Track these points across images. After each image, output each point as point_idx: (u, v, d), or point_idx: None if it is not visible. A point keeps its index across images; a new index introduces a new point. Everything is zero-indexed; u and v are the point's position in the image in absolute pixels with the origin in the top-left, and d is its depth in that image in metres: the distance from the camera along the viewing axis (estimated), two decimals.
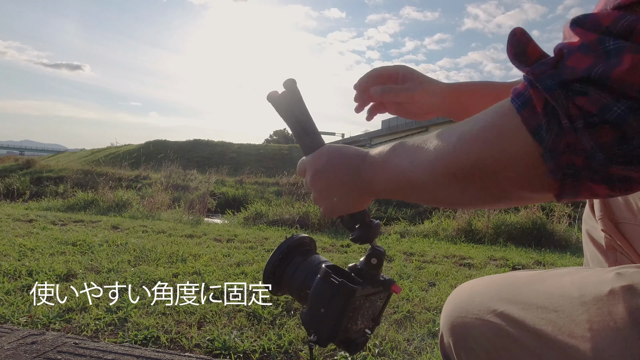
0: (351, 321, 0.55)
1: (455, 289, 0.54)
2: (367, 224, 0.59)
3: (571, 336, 0.36)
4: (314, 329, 0.55)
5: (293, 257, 0.65)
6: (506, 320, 0.42)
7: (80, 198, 6.14)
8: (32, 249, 2.68)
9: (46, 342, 1.42)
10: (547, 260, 3.53)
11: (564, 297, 0.39)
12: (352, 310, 0.54)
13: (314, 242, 0.71)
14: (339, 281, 0.53)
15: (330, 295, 0.54)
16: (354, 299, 0.53)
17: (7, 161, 16.38)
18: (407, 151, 0.46)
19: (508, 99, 0.37)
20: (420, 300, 2.06)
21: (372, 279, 0.57)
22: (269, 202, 6.60)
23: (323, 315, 0.54)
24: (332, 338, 0.55)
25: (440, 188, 0.42)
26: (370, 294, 0.57)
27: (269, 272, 0.64)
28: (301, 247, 0.67)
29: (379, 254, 0.57)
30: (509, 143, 0.36)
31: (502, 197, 0.40)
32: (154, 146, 18.63)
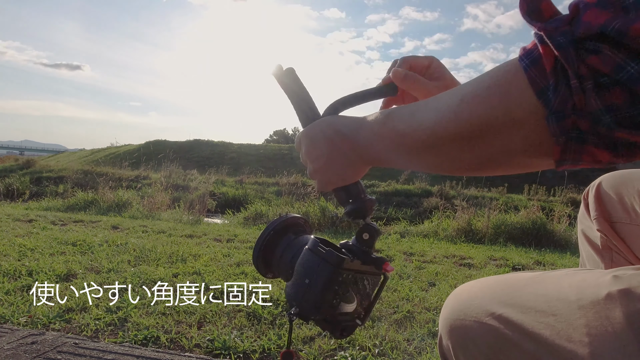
0: (337, 298, 0.52)
1: (454, 291, 0.54)
2: (362, 198, 0.56)
3: (569, 341, 0.36)
4: (297, 301, 0.53)
5: (283, 236, 0.62)
6: (504, 323, 0.42)
7: (80, 198, 6.14)
8: (32, 249, 2.68)
9: (46, 342, 1.42)
10: (547, 260, 3.53)
11: (562, 301, 0.39)
12: (338, 284, 0.52)
13: (308, 223, 0.67)
14: (325, 250, 0.52)
15: (316, 264, 0.52)
16: (341, 270, 0.51)
17: (7, 161, 16.38)
18: (405, 115, 0.45)
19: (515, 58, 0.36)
20: (420, 300, 2.06)
21: (363, 255, 0.54)
22: (269, 202, 6.60)
23: (307, 286, 0.52)
24: (314, 311, 0.52)
25: (440, 152, 0.41)
26: (360, 271, 0.54)
27: (257, 251, 0.62)
28: (294, 227, 0.64)
29: (372, 229, 0.55)
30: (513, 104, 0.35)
31: (502, 162, 0.39)
32: (154, 146, 18.63)
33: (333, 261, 0.51)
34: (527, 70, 0.34)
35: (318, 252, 0.52)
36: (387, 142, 0.46)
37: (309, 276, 0.52)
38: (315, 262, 0.52)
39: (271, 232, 0.62)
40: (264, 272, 0.63)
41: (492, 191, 12.06)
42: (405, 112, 0.45)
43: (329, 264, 0.51)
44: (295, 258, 0.57)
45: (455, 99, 0.39)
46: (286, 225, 0.63)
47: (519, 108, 0.34)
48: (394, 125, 0.45)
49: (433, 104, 0.41)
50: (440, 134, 0.40)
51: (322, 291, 0.51)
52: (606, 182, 0.70)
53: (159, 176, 8.79)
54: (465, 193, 10.64)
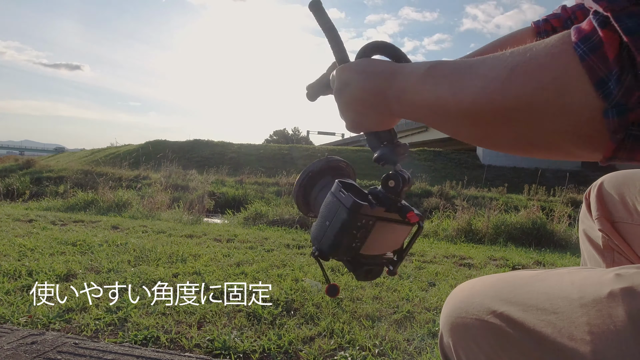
0: (356, 241, 0.52)
1: (455, 289, 0.54)
2: (393, 143, 0.54)
3: (571, 339, 0.36)
4: (317, 240, 0.54)
5: (322, 177, 0.62)
6: (506, 321, 0.41)
7: (80, 198, 6.13)
8: (32, 249, 2.68)
9: (46, 342, 1.42)
10: (547, 260, 3.53)
11: (564, 299, 0.39)
12: (357, 229, 0.51)
13: (352, 167, 0.66)
14: (345, 194, 0.51)
15: (335, 208, 0.52)
16: (358, 215, 0.50)
17: (7, 161, 16.38)
18: (447, 75, 0.41)
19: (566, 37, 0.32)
20: (420, 300, 2.06)
21: (387, 202, 0.52)
22: (269, 202, 6.60)
23: (327, 228, 0.53)
24: (331, 252, 0.53)
25: (478, 123, 0.38)
26: (383, 218, 0.52)
27: (295, 191, 0.62)
28: (334, 171, 0.63)
29: (397, 176, 0.52)
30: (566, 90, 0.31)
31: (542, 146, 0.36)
32: (154, 146, 18.63)
33: (350, 206, 0.50)
34: (584, 59, 0.30)
35: (339, 195, 0.52)
36: (420, 100, 0.43)
37: (329, 218, 0.52)
38: (335, 206, 0.52)
39: (309, 174, 0.62)
40: (305, 212, 0.64)
41: (492, 191, 12.06)
42: (448, 70, 0.41)
43: (346, 208, 0.50)
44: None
45: (505, 69, 0.35)
46: (326, 167, 0.63)
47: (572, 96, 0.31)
48: (434, 83, 0.42)
49: (480, 69, 0.38)
50: (483, 104, 0.37)
51: (337, 234, 0.51)
52: (608, 182, 0.70)
53: (158, 176, 8.79)
54: (465, 193, 10.64)
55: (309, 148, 25.91)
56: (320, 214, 0.54)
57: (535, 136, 0.35)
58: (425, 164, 21.63)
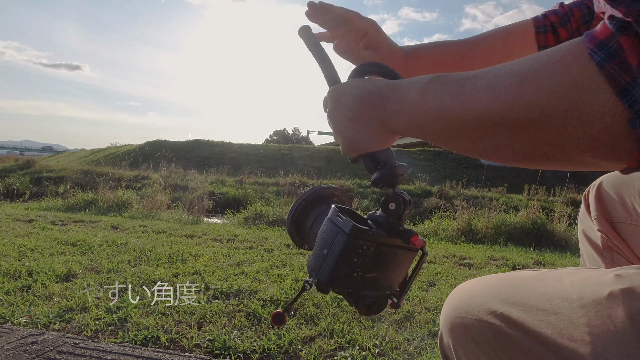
0: (357, 270, 0.49)
1: (455, 289, 0.54)
2: (390, 165, 0.51)
3: (571, 340, 0.36)
4: (315, 271, 0.50)
5: (315, 206, 0.59)
6: (506, 321, 0.41)
7: (80, 198, 6.13)
8: (32, 249, 2.68)
9: (46, 342, 1.42)
10: (547, 260, 3.53)
11: (564, 300, 0.39)
12: (357, 256, 0.48)
13: (346, 194, 0.63)
14: (343, 219, 0.48)
15: (333, 234, 0.49)
16: (358, 241, 0.47)
17: (7, 161, 16.37)
18: (451, 87, 0.39)
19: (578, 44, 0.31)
20: (420, 300, 2.06)
21: (388, 227, 0.49)
22: (269, 202, 6.60)
23: (325, 257, 0.49)
24: (330, 283, 0.49)
25: (486, 136, 0.36)
26: (385, 244, 0.49)
27: (289, 222, 0.59)
28: (328, 199, 0.60)
29: (398, 199, 0.49)
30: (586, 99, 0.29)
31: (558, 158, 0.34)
32: (154, 146, 18.63)
33: (349, 231, 0.47)
34: (603, 66, 0.29)
35: (336, 221, 0.49)
36: (422, 115, 0.41)
37: (327, 246, 0.49)
38: (333, 232, 0.49)
39: (302, 203, 0.59)
40: (299, 244, 0.61)
41: (492, 191, 12.06)
42: (452, 82, 0.39)
43: (345, 233, 0.47)
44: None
45: (514, 79, 0.33)
46: (319, 195, 0.60)
47: (592, 105, 0.29)
48: (436, 96, 0.39)
49: (484, 79, 0.36)
50: (491, 116, 0.35)
51: (337, 262, 0.48)
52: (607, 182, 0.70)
53: (158, 176, 8.79)
54: (465, 193, 10.64)
55: (309, 148, 25.92)
56: (317, 243, 0.51)
57: (551, 148, 0.33)
58: (425, 164, 21.63)
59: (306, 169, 14.93)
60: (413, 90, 0.42)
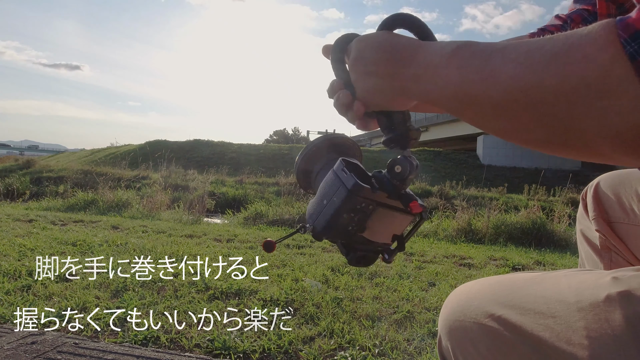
0: (353, 224, 0.50)
1: (453, 292, 0.54)
2: (405, 127, 0.50)
3: (568, 343, 0.36)
4: (312, 219, 0.51)
5: (326, 154, 0.59)
6: (504, 325, 0.41)
7: (80, 198, 6.13)
8: (32, 249, 2.68)
9: (46, 342, 1.42)
10: (547, 260, 3.53)
11: (561, 303, 0.39)
12: (355, 212, 0.49)
13: (358, 147, 0.62)
14: (347, 174, 0.48)
15: (335, 187, 0.49)
16: (358, 198, 0.48)
17: (7, 161, 16.38)
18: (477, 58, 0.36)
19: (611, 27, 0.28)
20: (420, 300, 2.06)
21: (390, 188, 0.49)
22: (269, 202, 6.60)
23: (324, 207, 0.50)
24: (325, 232, 0.50)
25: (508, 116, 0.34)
26: (384, 204, 0.50)
27: (297, 164, 0.59)
28: (340, 148, 0.60)
29: (405, 162, 0.49)
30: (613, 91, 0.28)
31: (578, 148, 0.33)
32: (154, 146, 18.63)
33: (350, 187, 0.47)
34: (635, 59, 0.27)
35: (340, 174, 0.49)
36: (443, 83, 0.39)
37: (327, 197, 0.50)
38: (335, 185, 0.49)
39: (313, 148, 0.58)
40: (304, 187, 0.61)
41: (492, 191, 12.06)
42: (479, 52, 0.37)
43: (346, 188, 0.48)
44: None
45: (543, 57, 0.31)
46: (331, 144, 0.59)
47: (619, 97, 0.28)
48: (460, 66, 0.37)
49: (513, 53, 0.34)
50: (515, 94, 0.33)
51: (334, 215, 0.49)
52: (604, 182, 0.70)
53: (158, 176, 8.79)
54: (465, 193, 10.64)
55: None
56: (319, 191, 0.52)
57: (571, 136, 0.32)
58: (425, 164, 21.63)
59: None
60: (437, 55, 0.40)
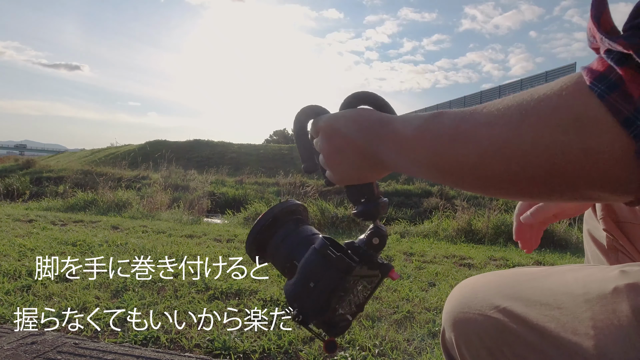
0: (340, 302, 0.50)
1: (458, 285, 0.54)
2: (375, 199, 0.52)
3: (574, 334, 0.36)
4: (299, 304, 0.51)
5: (283, 224, 0.59)
6: (509, 316, 0.42)
7: (80, 198, 6.13)
8: (32, 249, 2.68)
9: (46, 342, 1.42)
10: (547, 261, 3.54)
11: (568, 295, 0.39)
12: (345, 290, 0.49)
13: (307, 211, 0.64)
14: (336, 255, 0.48)
15: (323, 269, 0.49)
16: (349, 277, 0.48)
17: (7, 161, 16.38)
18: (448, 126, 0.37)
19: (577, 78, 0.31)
20: (420, 300, 2.06)
21: (370, 260, 0.51)
22: (268, 203, 6.60)
23: (311, 291, 0.49)
24: (316, 316, 0.50)
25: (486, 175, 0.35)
26: (364, 276, 0.51)
27: (253, 236, 0.58)
28: (292, 215, 0.61)
29: (382, 234, 0.51)
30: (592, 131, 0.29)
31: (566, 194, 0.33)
32: (154, 146, 18.64)
33: (343, 269, 0.48)
34: (604, 98, 0.29)
35: (327, 256, 0.49)
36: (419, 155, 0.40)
37: (314, 279, 0.49)
38: (323, 267, 0.49)
39: (270, 220, 0.58)
40: (253, 257, 0.61)
41: None
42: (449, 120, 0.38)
43: (339, 270, 0.48)
44: (295, 251, 0.55)
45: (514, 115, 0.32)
46: (287, 212, 0.60)
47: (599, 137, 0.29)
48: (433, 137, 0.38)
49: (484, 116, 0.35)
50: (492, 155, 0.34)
51: (327, 297, 0.49)
52: None
53: (158, 176, 8.79)
54: (465, 193, 10.64)
55: None
56: (301, 273, 0.51)
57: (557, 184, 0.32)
58: None
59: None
60: (409, 129, 0.41)
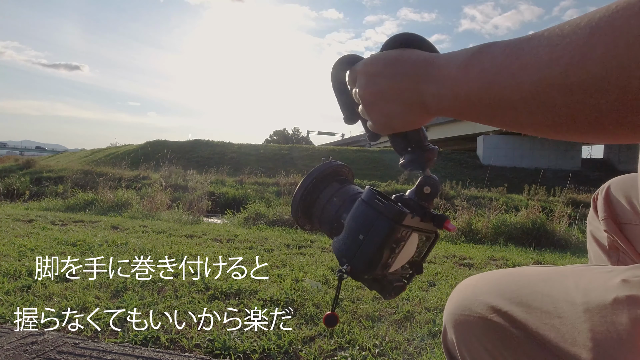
0: (392, 256, 0.46)
1: (459, 285, 0.53)
2: (423, 146, 0.49)
3: (573, 344, 0.36)
4: (348, 258, 0.47)
5: (328, 184, 0.55)
6: (510, 321, 0.41)
7: (80, 198, 6.13)
8: (32, 249, 2.68)
9: (46, 342, 1.42)
10: (547, 261, 3.54)
11: (568, 303, 0.39)
12: (396, 242, 0.45)
13: (352, 172, 0.60)
14: (385, 203, 0.45)
15: (373, 218, 0.45)
16: (399, 226, 0.44)
17: (7, 161, 16.37)
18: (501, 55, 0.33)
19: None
20: (420, 300, 2.06)
21: (422, 211, 0.47)
22: (268, 202, 6.60)
23: (362, 243, 0.46)
24: (368, 269, 0.46)
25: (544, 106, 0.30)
26: (418, 228, 0.47)
27: (298, 199, 0.55)
28: (338, 176, 0.57)
29: (434, 183, 0.47)
30: None
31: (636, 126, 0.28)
32: (154, 146, 18.64)
33: (393, 216, 0.44)
34: None
35: (376, 205, 0.45)
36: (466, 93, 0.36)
37: (364, 231, 0.46)
38: (372, 216, 0.45)
39: (314, 180, 0.55)
40: (302, 224, 0.58)
41: (492, 191, 12.06)
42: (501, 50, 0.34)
43: (389, 219, 0.44)
44: (342, 210, 0.52)
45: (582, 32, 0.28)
46: (331, 172, 0.57)
47: None
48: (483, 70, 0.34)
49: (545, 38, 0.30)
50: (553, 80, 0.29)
51: (378, 249, 0.45)
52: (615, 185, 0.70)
53: (158, 176, 8.79)
54: (465, 193, 10.64)
55: (309, 148, 25.93)
56: (349, 226, 0.48)
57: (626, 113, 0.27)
58: None
59: (306, 169, 14.86)
60: (453, 66, 0.38)
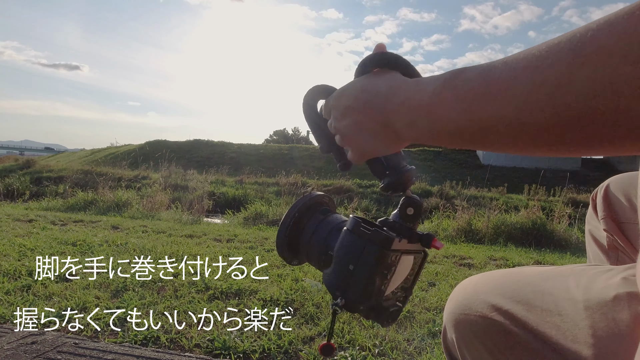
0: (385, 282, 0.46)
1: (460, 284, 0.53)
2: (400, 168, 0.48)
3: (574, 341, 0.36)
4: (341, 290, 0.46)
5: (311, 216, 0.55)
6: (510, 319, 0.41)
7: (80, 198, 6.14)
8: (32, 249, 2.68)
9: (46, 342, 1.42)
10: (547, 261, 3.53)
11: (569, 301, 0.39)
12: (387, 267, 0.45)
13: (333, 201, 0.60)
14: (371, 230, 0.45)
15: (361, 247, 0.45)
16: (388, 252, 0.44)
17: (7, 161, 16.37)
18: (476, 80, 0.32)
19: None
20: (420, 300, 2.06)
21: (408, 232, 0.47)
22: (269, 202, 6.60)
23: (352, 273, 0.45)
24: (363, 300, 0.46)
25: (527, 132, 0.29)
26: (406, 251, 0.47)
27: (282, 235, 0.54)
28: (320, 206, 0.57)
29: (416, 203, 0.47)
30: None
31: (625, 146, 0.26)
32: (154, 146, 18.64)
33: (380, 242, 0.44)
34: None
35: (362, 233, 0.45)
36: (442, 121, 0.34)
37: (353, 262, 0.45)
38: (359, 245, 0.45)
39: (296, 214, 0.55)
40: (289, 259, 0.57)
41: (492, 191, 12.06)
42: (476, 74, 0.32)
43: (377, 245, 0.44)
44: (328, 240, 0.51)
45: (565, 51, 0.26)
46: (312, 204, 0.56)
47: None
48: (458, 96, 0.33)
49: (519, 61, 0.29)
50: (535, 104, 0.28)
51: (370, 277, 0.45)
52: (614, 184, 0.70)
53: (158, 176, 8.79)
54: (465, 193, 10.64)
55: (309, 148, 25.93)
56: (337, 258, 0.47)
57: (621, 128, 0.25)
58: (425, 164, 21.64)
59: (306, 169, 14.93)
60: (425, 93, 0.36)
